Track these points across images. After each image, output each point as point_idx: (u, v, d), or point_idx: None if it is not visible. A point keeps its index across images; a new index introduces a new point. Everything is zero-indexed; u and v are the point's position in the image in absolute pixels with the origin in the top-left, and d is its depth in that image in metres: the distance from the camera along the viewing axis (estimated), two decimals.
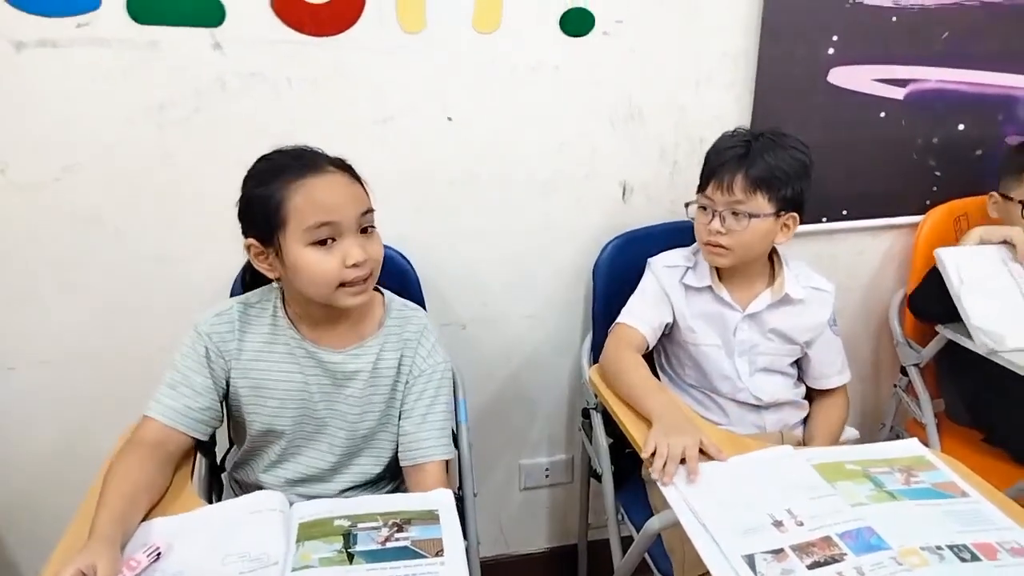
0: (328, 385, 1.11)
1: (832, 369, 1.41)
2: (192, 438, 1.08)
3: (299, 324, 1.10)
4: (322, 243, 0.99)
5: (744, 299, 1.35)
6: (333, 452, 1.15)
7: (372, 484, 1.19)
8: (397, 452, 1.15)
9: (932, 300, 1.50)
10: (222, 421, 1.14)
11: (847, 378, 1.43)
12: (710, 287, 1.35)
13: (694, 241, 1.42)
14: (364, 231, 1.03)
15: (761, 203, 1.24)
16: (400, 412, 1.14)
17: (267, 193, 0.99)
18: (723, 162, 1.25)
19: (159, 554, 0.87)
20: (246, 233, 1.04)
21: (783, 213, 1.26)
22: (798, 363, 1.43)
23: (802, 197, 1.27)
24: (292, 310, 1.11)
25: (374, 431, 1.15)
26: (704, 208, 1.30)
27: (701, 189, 1.30)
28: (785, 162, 1.24)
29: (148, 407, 1.06)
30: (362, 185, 1.05)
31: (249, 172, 1.04)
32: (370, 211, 1.04)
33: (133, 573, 0.84)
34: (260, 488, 1.10)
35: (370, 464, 1.17)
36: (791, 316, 1.35)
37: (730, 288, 1.35)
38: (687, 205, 1.34)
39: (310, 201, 0.98)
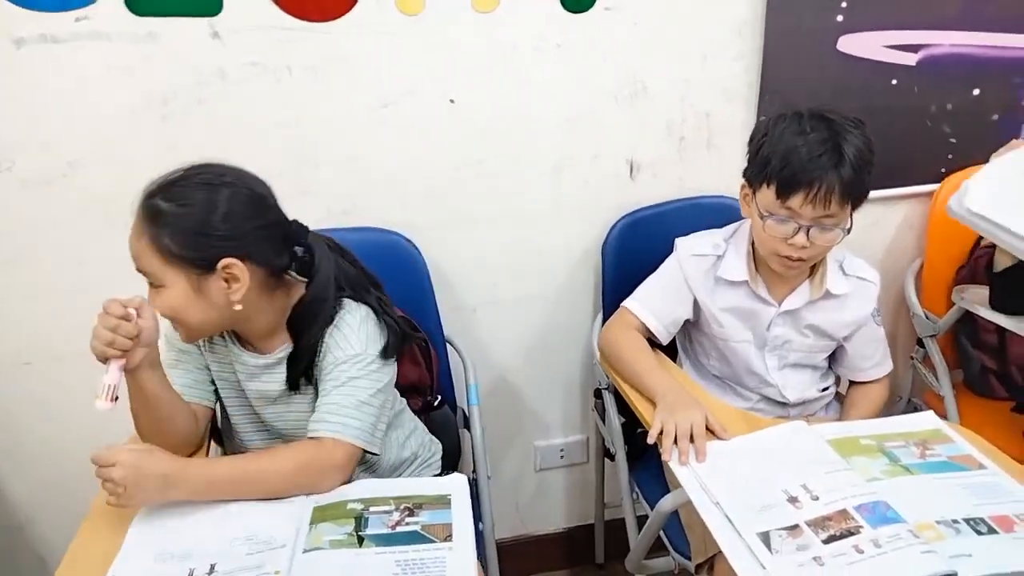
0: (255, 383, 1.10)
1: (869, 362, 1.33)
2: (207, 407, 1.12)
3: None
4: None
5: (780, 293, 1.25)
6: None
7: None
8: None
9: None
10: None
11: (887, 369, 1.35)
12: (745, 282, 1.25)
13: (707, 220, 1.38)
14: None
15: (847, 211, 1.11)
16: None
17: None
18: (816, 171, 1.07)
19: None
20: None
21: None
22: (832, 354, 1.35)
23: None
24: None
25: None
26: (782, 220, 1.12)
27: (781, 197, 1.10)
28: (864, 156, 1.09)
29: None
30: (164, 234, 0.96)
31: None
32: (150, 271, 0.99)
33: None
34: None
35: None
36: (831, 312, 1.26)
37: (766, 281, 1.25)
38: (763, 218, 1.13)
39: None
